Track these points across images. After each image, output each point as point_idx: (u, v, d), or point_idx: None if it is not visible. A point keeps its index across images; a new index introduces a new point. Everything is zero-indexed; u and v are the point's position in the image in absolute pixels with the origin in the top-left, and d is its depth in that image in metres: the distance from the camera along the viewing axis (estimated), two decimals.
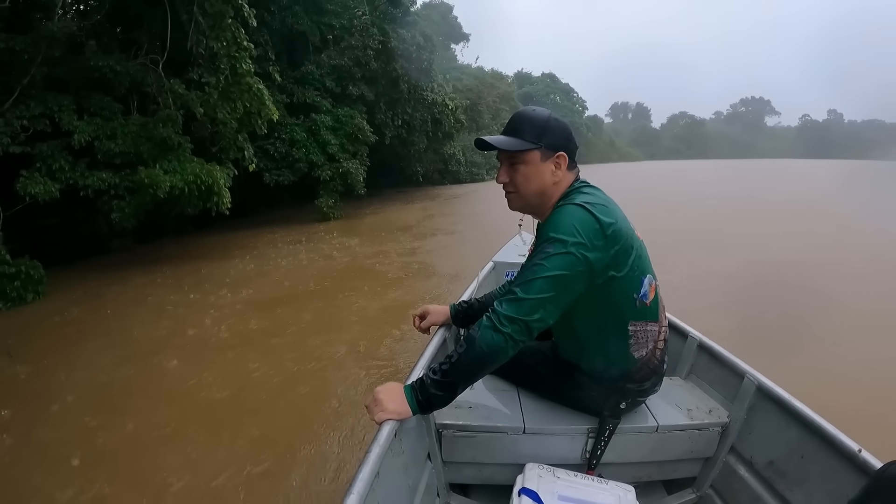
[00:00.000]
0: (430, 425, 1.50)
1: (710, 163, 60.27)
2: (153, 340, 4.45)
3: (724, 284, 5.82)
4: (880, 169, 39.52)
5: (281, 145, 12.11)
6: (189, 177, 7.12)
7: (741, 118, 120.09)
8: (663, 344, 1.46)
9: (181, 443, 2.81)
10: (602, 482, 1.39)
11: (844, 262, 6.97)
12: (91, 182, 6.82)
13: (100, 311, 5.45)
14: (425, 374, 1.25)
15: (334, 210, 12.50)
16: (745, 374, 1.60)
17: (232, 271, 7.26)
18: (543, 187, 1.37)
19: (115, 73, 7.30)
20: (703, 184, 24.03)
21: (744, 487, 1.50)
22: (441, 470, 1.56)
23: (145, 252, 9.03)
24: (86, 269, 7.65)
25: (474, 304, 1.88)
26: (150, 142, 7.32)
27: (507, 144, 1.34)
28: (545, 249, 1.22)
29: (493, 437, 1.50)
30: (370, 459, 1.09)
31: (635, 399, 1.49)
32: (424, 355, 1.67)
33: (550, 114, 1.38)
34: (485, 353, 1.19)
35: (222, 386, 3.50)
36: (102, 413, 3.17)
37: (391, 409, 1.21)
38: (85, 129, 6.85)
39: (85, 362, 3.97)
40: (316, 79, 13.59)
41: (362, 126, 13.25)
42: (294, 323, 4.79)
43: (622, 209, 1.36)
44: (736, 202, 15.40)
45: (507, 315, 1.18)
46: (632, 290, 1.32)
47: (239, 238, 10.18)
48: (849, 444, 1.23)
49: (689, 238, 8.91)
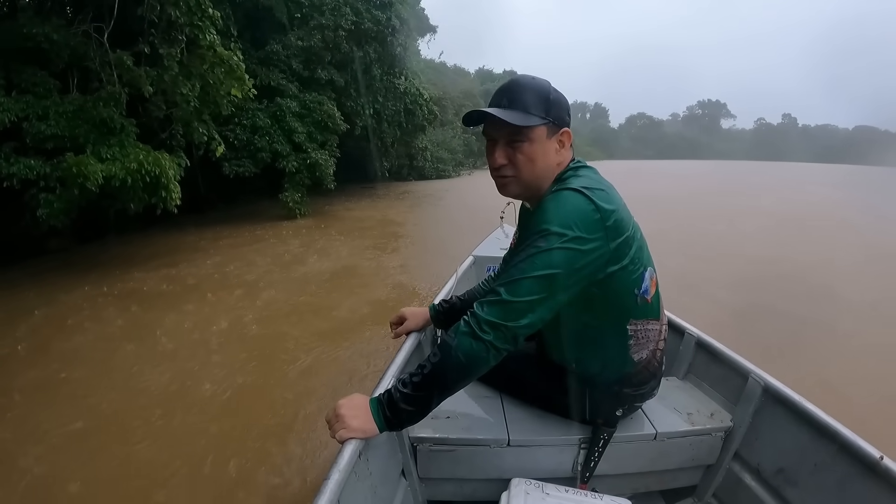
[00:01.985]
0: (404, 439, 1.37)
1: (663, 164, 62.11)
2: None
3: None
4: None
5: (242, 132, 10.85)
6: (132, 165, 5.98)
7: (697, 120, 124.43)
8: (664, 344, 1.35)
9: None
10: (596, 497, 1.24)
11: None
12: (16, 170, 5.65)
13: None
14: (394, 386, 1.12)
15: (300, 206, 11.36)
16: (749, 373, 1.51)
17: (189, 281, 6.19)
18: (548, 168, 1.20)
19: (51, 43, 6.19)
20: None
21: (750, 497, 1.42)
22: (418, 487, 1.43)
23: (85, 254, 7.75)
24: (18, 278, 6.36)
25: (456, 303, 1.72)
26: (88, 124, 6.17)
27: (515, 118, 1.13)
28: (536, 243, 1.06)
29: (474, 450, 1.39)
30: (328, 489, 0.93)
31: (632, 405, 1.39)
32: (395, 362, 1.50)
33: (551, 84, 1.20)
34: (461, 364, 1.05)
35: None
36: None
37: (355, 427, 1.07)
38: (11, 108, 5.72)
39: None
40: (282, 60, 12.35)
41: (332, 113, 12.08)
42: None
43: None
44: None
45: (488, 320, 1.04)
46: (632, 285, 1.18)
47: (192, 239, 8.97)
48: (869, 450, 1.13)
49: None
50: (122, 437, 2.79)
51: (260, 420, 2.95)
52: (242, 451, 2.63)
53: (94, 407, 3.09)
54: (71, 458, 2.60)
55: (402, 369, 1.49)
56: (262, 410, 3.06)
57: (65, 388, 3.37)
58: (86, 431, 2.84)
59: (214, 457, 2.59)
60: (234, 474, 2.46)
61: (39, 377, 3.50)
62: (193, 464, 2.54)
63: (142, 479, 2.46)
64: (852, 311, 5.18)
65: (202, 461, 2.55)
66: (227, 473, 2.47)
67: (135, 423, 2.90)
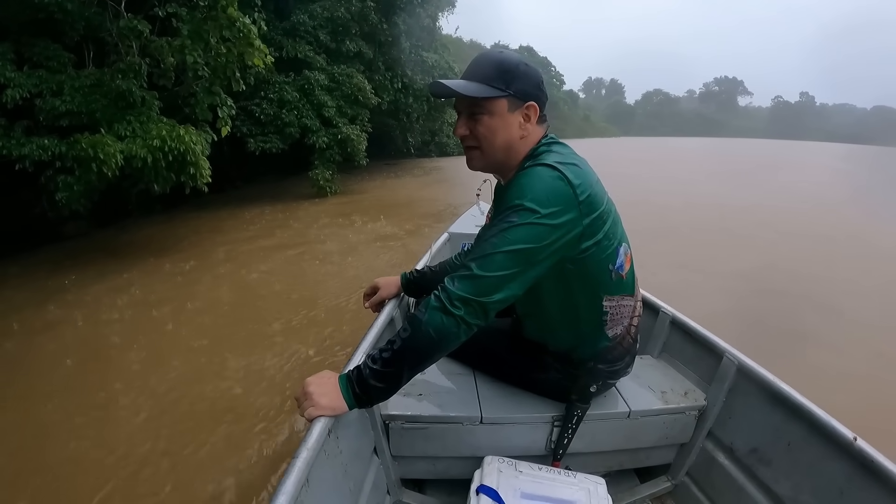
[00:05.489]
0: (375, 417, 1.34)
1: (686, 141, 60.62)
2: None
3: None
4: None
5: (268, 106, 10.21)
6: (154, 142, 5.37)
7: (714, 97, 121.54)
8: (637, 320, 1.35)
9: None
10: (570, 475, 1.27)
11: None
12: (28, 151, 5.13)
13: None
14: (363, 362, 1.08)
15: (331, 184, 10.72)
16: (723, 353, 1.50)
17: (220, 270, 5.62)
18: (510, 142, 1.18)
19: (65, 13, 5.73)
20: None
21: (723, 475, 1.42)
22: (390, 465, 1.41)
23: (104, 240, 7.24)
24: (34, 265, 5.92)
25: (427, 273, 1.71)
26: (106, 98, 5.61)
27: (470, 90, 1.13)
28: (508, 218, 1.05)
29: (446, 428, 1.36)
30: (296, 467, 0.89)
31: (606, 382, 1.37)
32: (367, 338, 1.46)
33: (521, 58, 1.17)
34: (432, 339, 1.03)
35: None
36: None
37: (323, 405, 1.04)
38: (23, 83, 5.26)
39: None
40: (308, 31, 11.61)
41: (363, 86, 11.35)
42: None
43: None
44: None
45: (460, 295, 1.02)
46: (607, 261, 1.17)
47: (219, 220, 8.43)
48: (843, 431, 1.13)
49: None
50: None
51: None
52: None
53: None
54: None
55: (373, 345, 1.44)
56: None
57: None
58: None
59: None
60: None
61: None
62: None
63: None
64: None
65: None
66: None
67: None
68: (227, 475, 2.23)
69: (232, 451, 2.40)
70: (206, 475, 2.25)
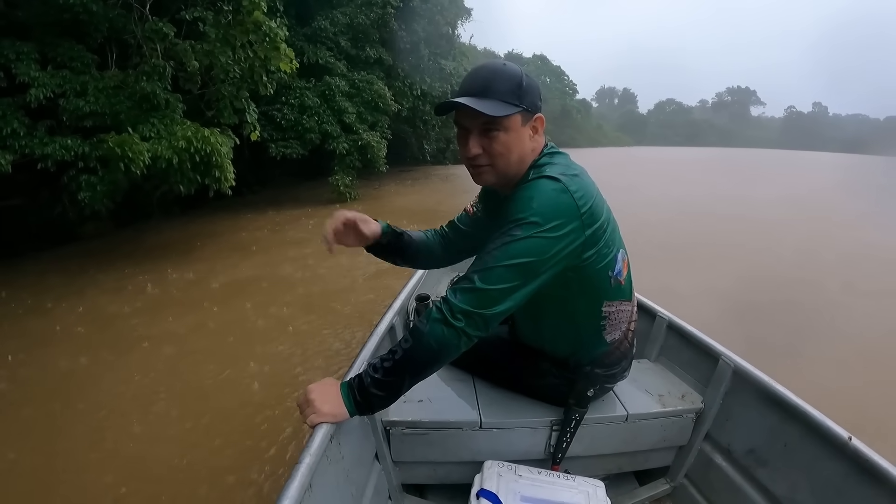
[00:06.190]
0: (376, 423, 1.36)
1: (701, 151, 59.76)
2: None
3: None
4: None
5: (289, 112, 10.16)
6: (180, 143, 5.33)
7: (727, 107, 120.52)
8: (634, 325, 1.38)
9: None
10: (569, 478, 1.28)
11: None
12: (51, 151, 5.07)
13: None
14: (365, 370, 1.10)
15: (351, 189, 10.63)
16: (720, 356, 1.51)
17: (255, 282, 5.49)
18: (522, 156, 1.17)
19: (90, 15, 5.69)
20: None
21: (721, 477, 1.43)
22: (391, 471, 1.42)
23: (122, 242, 7.14)
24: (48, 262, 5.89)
25: (404, 237, 1.53)
26: (130, 100, 5.56)
27: (493, 109, 1.09)
28: (512, 231, 1.05)
29: (447, 433, 1.38)
30: (299, 472, 0.91)
31: (604, 386, 1.39)
32: (367, 346, 1.50)
33: (522, 69, 1.16)
34: (433, 350, 1.04)
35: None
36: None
37: (325, 412, 1.06)
38: (47, 83, 5.22)
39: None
40: (329, 37, 11.60)
41: (383, 93, 11.31)
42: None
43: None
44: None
45: (462, 308, 1.03)
46: (607, 267, 1.19)
47: (244, 223, 8.36)
48: (837, 431, 1.14)
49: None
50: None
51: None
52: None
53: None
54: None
55: (373, 354, 1.46)
56: None
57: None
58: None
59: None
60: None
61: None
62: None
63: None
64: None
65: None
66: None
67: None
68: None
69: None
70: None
